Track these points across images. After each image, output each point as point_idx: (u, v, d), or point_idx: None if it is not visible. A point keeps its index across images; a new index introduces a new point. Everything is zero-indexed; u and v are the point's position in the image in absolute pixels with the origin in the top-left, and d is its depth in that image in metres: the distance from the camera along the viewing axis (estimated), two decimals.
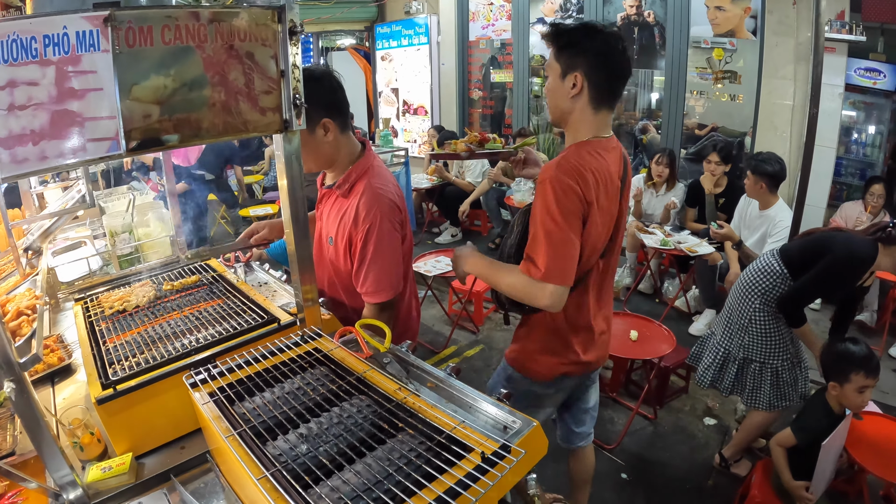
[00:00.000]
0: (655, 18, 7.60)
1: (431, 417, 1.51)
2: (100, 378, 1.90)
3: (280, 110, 1.81)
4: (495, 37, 9.71)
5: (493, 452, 1.35)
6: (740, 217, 5.54)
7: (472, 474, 1.28)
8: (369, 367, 1.79)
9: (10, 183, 4.13)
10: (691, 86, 7.42)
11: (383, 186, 2.56)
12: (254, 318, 2.28)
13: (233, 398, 1.65)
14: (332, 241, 2.64)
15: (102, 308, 2.52)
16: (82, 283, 3.17)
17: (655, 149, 7.61)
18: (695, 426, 4.78)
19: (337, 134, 2.53)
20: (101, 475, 1.78)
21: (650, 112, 8.35)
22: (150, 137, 1.54)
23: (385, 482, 1.29)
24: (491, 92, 10.25)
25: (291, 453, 1.40)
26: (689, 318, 6.10)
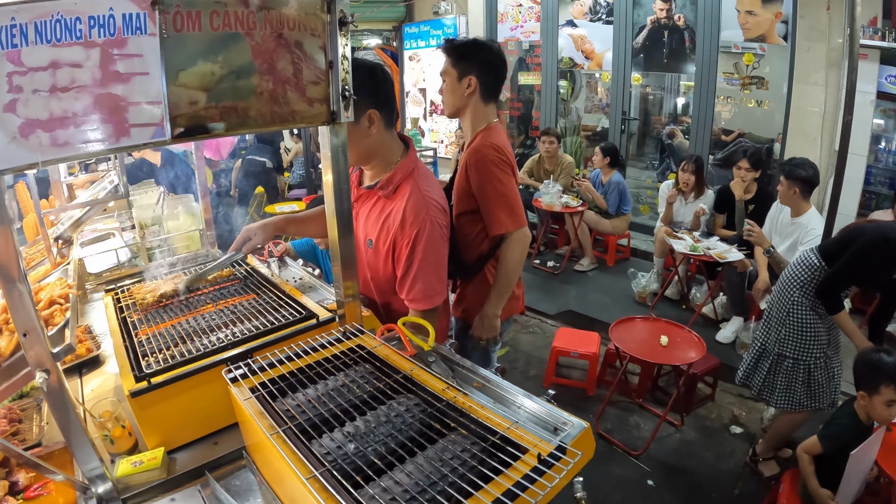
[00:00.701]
0: (686, 22, 7.53)
1: (483, 417, 1.47)
2: (133, 370, 1.87)
3: (328, 101, 1.77)
4: (524, 38, 9.63)
5: (550, 454, 1.31)
6: (772, 223, 5.46)
7: (529, 476, 1.24)
8: (415, 365, 1.75)
9: (40, 173, 4.13)
10: (718, 91, 7.33)
11: (430, 189, 2.51)
12: (291, 313, 2.23)
13: (275, 394, 1.61)
14: (372, 243, 2.57)
15: (134, 299, 2.49)
16: (110, 274, 3.16)
17: (683, 154, 7.55)
18: (721, 434, 4.73)
19: (381, 128, 2.46)
20: (132, 469, 1.75)
21: (676, 117, 8.28)
22: (196, 125, 1.50)
23: (440, 482, 1.25)
24: (519, 93, 10.17)
25: (339, 452, 1.36)
26: (717, 325, 6.03)
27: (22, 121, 1.28)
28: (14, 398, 2.31)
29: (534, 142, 9.73)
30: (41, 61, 1.28)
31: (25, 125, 1.28)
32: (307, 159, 10.12)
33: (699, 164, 6.37)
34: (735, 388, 5.22)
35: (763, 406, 4.88)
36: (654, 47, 7.86)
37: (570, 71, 9.05)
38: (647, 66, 8.06)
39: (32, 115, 1.29)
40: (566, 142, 8.97)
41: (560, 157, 7.91)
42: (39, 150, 1.31)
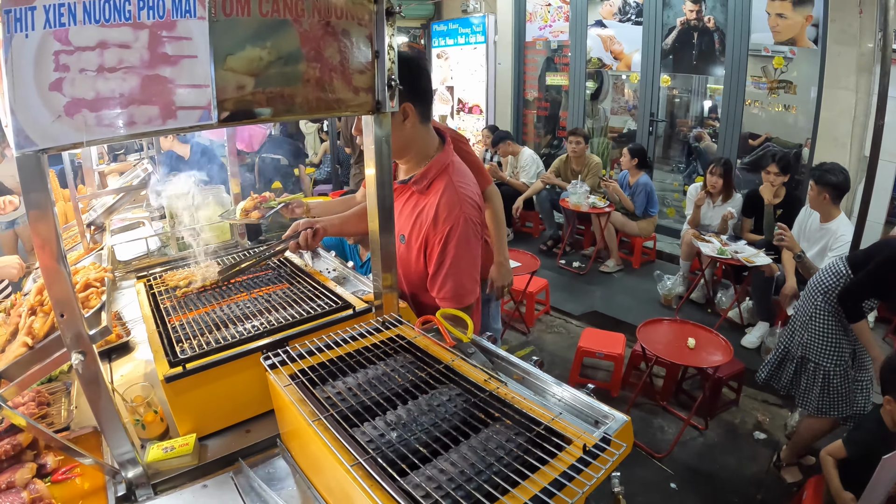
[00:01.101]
0: (715, 24, 7.46)
1: (527, 408, 1.46)
2: (167, 356, 1.88)
3: (373, 91, 1.77)
4: (552, 38, 9.60)
5: (595, 445, 1.30)
6: (800, 229, 5.40)
7: (575, 466, 1.24)
8: (456, 355, 1.74)
9: (73, 161, 4.15)
10: (746, 94, 7.26)
11: (465, 186, 2.46)
12: (327, 303, 2.23)
13: (315, 381, 1.61)
14: (405, 239, 2.52)
15: (167, 286, 2.49)
16: (138, 262, 3.17)
17: (710, 157, 7.49)
18: (745, 439, 4.68)
19: (416, 122, 2.41)
20: (163, 455, 1.75)
21: (702, 119, 8.21)
22: (243, 109, 1.50)
23: (485, 471, 1.24)
24: (546, 93, 10.14)
25: (382, 440, 1.35)
26: (742, 330, 5.96)
27: (68, 100, 1.28)
28: (43, 382, 2.32)
29: (560, 142, 9.71)
30: (89, 41, 1.28)
31: (71, 104, 1.28)
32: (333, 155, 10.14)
33: (727, 168, 6.31)
34: (760, 393, 5.18)
35: (787, 413, 4.83)
36: (684, 49, 7.81)
37: (598, 71, 9.01)
38: (675, 67, 8.00)
39: (78, 95, 1.29)
40: (593, 143, 8.94)
41: (587, 158, 7.89)
42: (85, 130, 1.31)
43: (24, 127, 1.24)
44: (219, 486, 1.71)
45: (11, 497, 1.66)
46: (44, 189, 1.31)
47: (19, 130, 1.23)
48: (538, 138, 10.45)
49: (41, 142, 1.26)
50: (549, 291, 6.72)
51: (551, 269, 7.73)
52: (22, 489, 1.69)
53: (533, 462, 1.27)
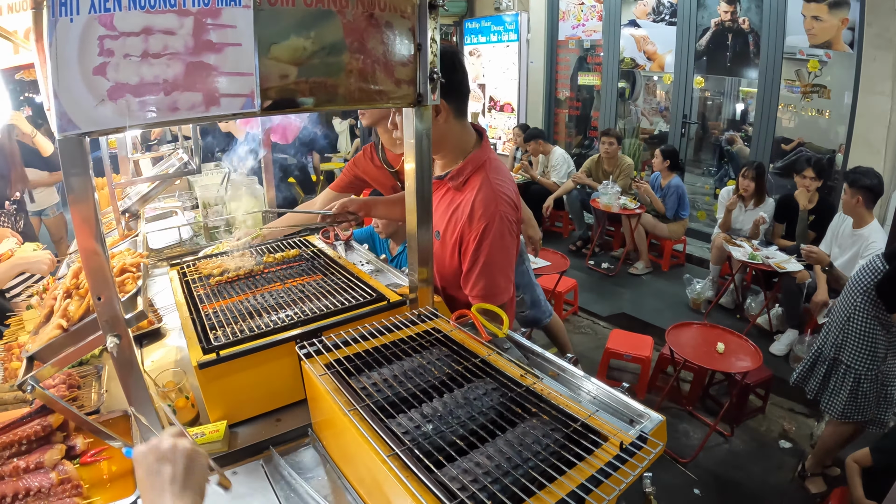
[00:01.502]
0: (750, 25, 7.38)
1: (563, 404, 1.45)
2: (201, 342, 1.88)
3: (415, 83, 1.76)
4: (585, 37, 9.55)
5: (631, 443, 1.29)
6: (832, 235, 5.34)
7: (612, 463, 1.24)
8: (492, 350, 1.73)
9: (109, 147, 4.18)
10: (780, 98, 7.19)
11: (502, 183, 2.41)
12: (361, 294, 2.23)
13: (351, 371, 1.61)
14: (440, 235, 2.49)
15: (200, 274, 2.51)
16: (170, 251, 3.19)
17: (742, 161, 7.42)
18: (770, 447, 4.63)
19: (450, 117, 2.38)
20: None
21: (734, 122, 8.13)
22: (286, 98, 1.50)
23: (522, 466, 1.24)
24: (578, 93, 10.08)
25: (418, 431, 1.35)
26: (771, 337, 5.89)
27: (111, 84, 1.29)
28: (74, 365, 2.33)
29: (592, 142, 9.66)
30: (134, 26, 1.29)
31: (114, 89, 1.29)
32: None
33: (760, 171, 6.24)
34: (786, 401, 5.13)
35: (813, 422, 4.78)
36: (718, 50, 7.73)
37: (631, 72, 8.95)
38: (709, 69, 7.92)
39: (122, 80, 1.29)
40: (625, 144, 8.89)
41: (619, 159, 7.85)
42: (127, 114, 1.32)
43: (67, 110, 1.25)
44: (248, 474, 1.72)
45: (40, 477, 1.68)
46: (85, 172, 1.32)
47: (62, 114, 1.24)
48: (569, 138, 10.40)
49: (84, 125, 1.27)
50: (577, 292, 6.68)
51: (580, 269, 7.69)
52: (50, 470, 1.71)
53: (569, 458, 1.27)
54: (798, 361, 5.11)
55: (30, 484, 1.67)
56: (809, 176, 5.79)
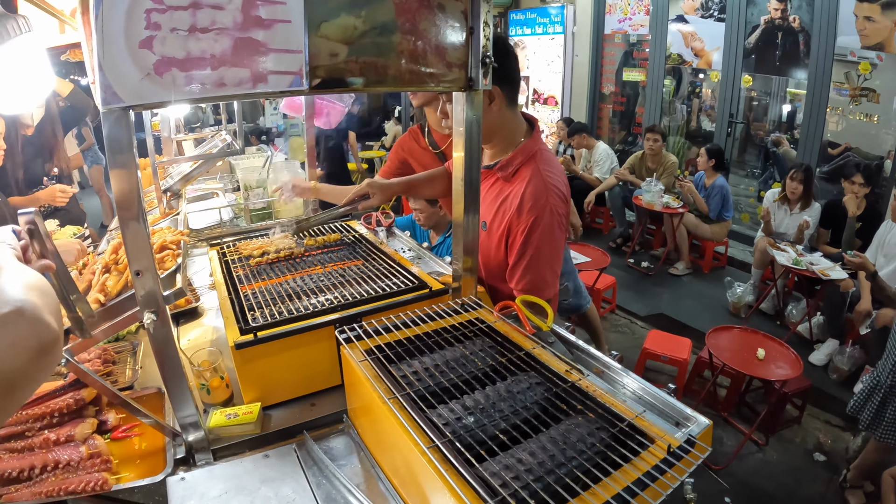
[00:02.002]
0: (801, 24, 7.21)
1: (610, 403, 1.41)
2: (238, 322, 1.87)
3: (466, 67, 1.72)
4: (631, 31, 9.40)
5: (679, 447, 1.25)
6: (878, 243, 5.23)
7: (659, 466, 1.20)
8: (537, 343, 1.69)
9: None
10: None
11: (553, 175, 2.34)
12: (403, 281, 2.20)
13: (391, 358, 1.58)
14: (486, 226, 2.44)
15: (240, 254, 2.50)
16: (210, 231, 3.19)
17: (788, 163, 7.29)
18: (804, 460, 4.53)
19: (503, 106, 2.33)
20: (225, 421, 1.75)
21: (781, 124, 7.98)
22: (335, 77, 1.47)
23: (566, 464, 1.21)
24: (623, 88, 9.95)
25: (459, 424, 1.32)
26: (811, 346, 5.76)
27: (157, 58, 1.26)
28: (109, 341, 2.36)
29: (636, 138, 9.55)
30: (181, 1, 1.26)
31: (161, 63, 1.27)
32: None
33: (809, 174, 6.10)
34: (823, 413, 5.02)
35: (849, 436, 4.67)
36: (767, 49, 7.56)
37: (677, 68, 8.83)
38: (758, 68, 7.77)
39: (169, 54, 1.27)
40: (669, 141, 8.77)
41: (664, 156, 7.75)
42: (173, 89, 1.30)
43: (111, 83, 1.23)
44: (280, 458, 1.71)
45: (70, 450, 1.69)
46: (128, 146, 1.31)
47: (107, 87, 1.23)
48: (613, 133, 10.28)
49: (128, 99, 1.25)
50: (616, 289, 6.63)
51: (619, 267, 7.61)
52: (81, 443, 1.72)
53: (615, 459, 1.24)
54: (837, 373, 5.08)
55: (59, 456, 1.68)
56: (858, 182, 5.66)
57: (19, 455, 1.71)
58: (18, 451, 1.74)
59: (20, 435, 1.80)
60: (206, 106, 10.53)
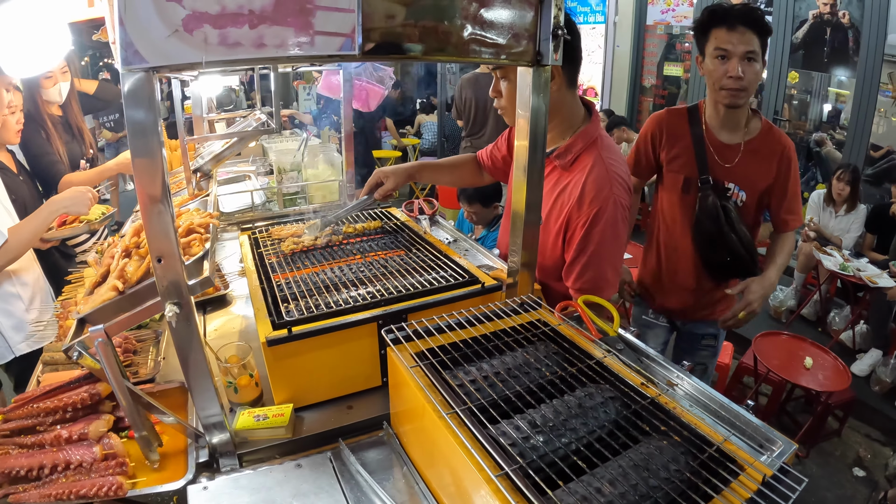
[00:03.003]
0: (850, 20, 6.98)
1: (695, 423, 1.26)
2: (270, 316, 1.74)
3: (535, 39, 1.55)
4: (675, 23, 9.19)
5: (773, 476, 1.11)
6: None
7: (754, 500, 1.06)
8: (609, 351, 1.54)
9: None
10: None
11: (616, 163, 2.21)
12: (451, 275, 2.02)
13: (446, 363, 1.43)
14: (542, 219, 2.19)
15: (273, 239, 2.35)
16: (241, 215, 3.07)
17: (832, 164, 7.07)
18: (843, 474, 4.41)
19: (563, 86, 2.20)
20: (254, 423, 1.63)
21: (824, 123, 7.76)
22: (391, 42, 1.29)
23: (652, 495, 1.07)
24: (664, 81, 9.75)
25: (527, 444, 1.16)
26: (853, 355, 5.58)
27: (187, 13, 1.11)
28: (132, 329, 2.22)
29: None
30: None
31: (191, 18, 1.12)
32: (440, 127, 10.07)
33: (856, 175, 5.93)
34: (863, 426, 4.89)
35: (890, 452, 4.55)
36: (814, 45, 7.34)
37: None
38: (805, 64, 7.56)
39: (200, 8, 1.12)
40: None
41: None
42: (204, 48, 1.14)
43: (133, 41, 1.09)
44: (314, 468, 1.57)
45: (82, 450, 1.56)
46: (150, 114, 1.16)
47: (128, 44, 1.09)
48: None
49: (152, 59, 1.11)
50: None
51: None
52: (95, 442, 1.59)
53: (705, 489, 1.09)
54: (880, 385, 4.99)
55: (71, 456, 1.55)
56: None
57: (28, 452, 1.58)
58: (28, 446, 1.61)
59: (30, 429, 1.67)
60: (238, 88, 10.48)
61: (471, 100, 6.13)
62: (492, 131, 6.02)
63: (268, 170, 4.35)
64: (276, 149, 4.24)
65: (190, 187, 3.35)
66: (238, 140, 3.86)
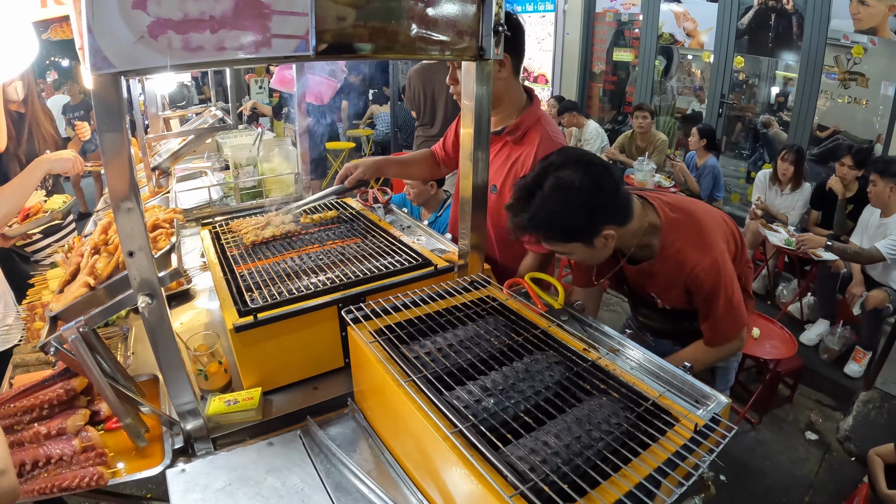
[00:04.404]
0: (794, 6, 7.15)
1: (632, 382, 1.38)
2: (236, 304, 1.80)
3: (478, 35, 1.64)
4: (623, 10, 9.27)
5: (705, 425, 1.23)
6: (863, 227, 5.23)
7: (687, 446, 1.17)
8: (552, 321, 1.64)
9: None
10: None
11: (558, 135, 2.51)
12: (406, 259, 2.13)
13: (403, 339, 1.52)
14: (497, 189, 2.50)
15: (234, 233, 2.42)
16: (199, 211, 3.11)
17: (778, 145, 7.24)
18: (796, 439, 4.55)
19: (510, 74, 2.47)
20: (225, 408, 1.69)
21: (771, 105, 7.95)
22: (342, 42, 1.38)
23: (594, 446, 1.17)
24: (614, 67, 9.84)
25: (479, 406, 1.26)
26: (801, 326, 5.76)
27: (152, 20, 1.18)
28: (99, 326, 2.26)
29: (625, 118, 9.49)
30: None
31: (156, 25, 1.18)
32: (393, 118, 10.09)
33: (800, 155, 6.04)
34: (814, 393, 5.06)
35: (840, 415, 4.68)
36: (760, 30, 7.50)
37: (668, 48, 8.75)
38: (750, 49, 7.72)
39: (164, 15, 1.19)
40: (659, 121, 8.71)
41: (654, 135, 7.63)
42: (168, 53, 1.21)
43: (102, 47, 1.15)
44: (285, 445, 1.65)
45: (62, 444, 1.62)
46: (120, 115, 1.23)
47: (96, 50, 1.14)
48: (603, 112, 10.20)
49: (120, 63, 1.17)
50: None
51: None
52: (73, 436, 1.65)
53: (643, 439, 1.20)
54: (828, 353, 5.14)
55: (51, 451, 1.60)
56: (848, 164, 5.63)
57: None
58: (8, 446, 1.66)
59: (9, 429, 1.71)
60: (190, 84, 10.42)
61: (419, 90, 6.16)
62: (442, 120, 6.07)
63: (223, 165, 4.34)
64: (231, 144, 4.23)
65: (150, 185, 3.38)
66: (196, 136, 3.89)
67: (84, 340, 1.45)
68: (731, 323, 2.09)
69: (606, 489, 1.07)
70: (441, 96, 5.94)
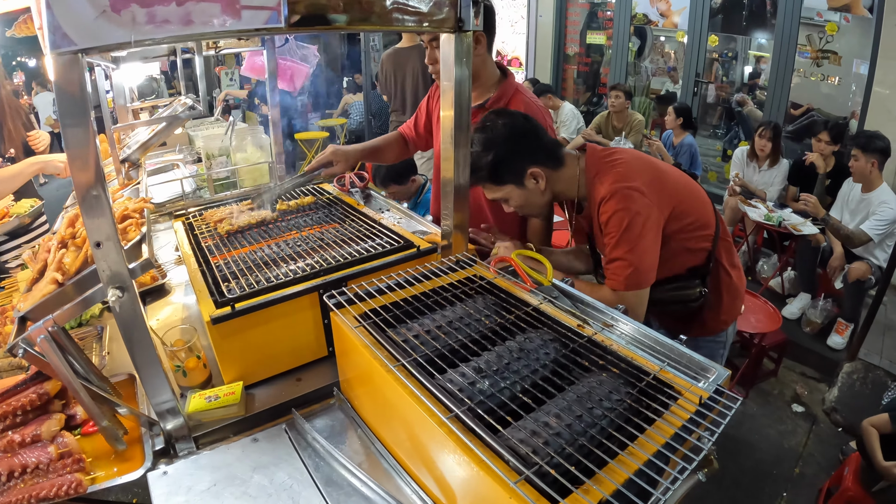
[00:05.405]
0: None
1: (631, 357, 1.33)
2: (212, 296, 1.73)
3: (456, 6, 1.58)
4: None
5: (710, 397, 1.19)
6: (842, 202, 5.27)
7: (694, 419, 1.14)
8: (543, 298, 1.59)
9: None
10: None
11: (537, 100, 2.66)
12: (387, 242, 2.07)
13: (390, 322, 1.46)
14: None
15: (208, 224, 2.34)
16: (172, 205, 3.04)
17: (753, 123, 7.26)
18: (783, 411, 4.59)
19: (485, 50, 2.57)
20: (206, 405, 1.63)
21: (746, 84, 7.98)
22: (316, 14, 1.31)
23: (597, 424, 1.12)
24: (587, 49, 9.83)
25: (474, 389, 1.21)
26: (783, 300, 5.80)
27: None
28: (72, 326, 2.20)
29: (600, 98, 9.48)
30: None
31: None
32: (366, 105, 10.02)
33: (777, 132, 6.08)
34: (798, 365, 5.10)
35: (825, 387, 4.74)
36: (733, 9, 7.50)
37: (642, 28, 8.73)
38: (724, 28, 7.72)
39: None
40: (634, 101, 8.69)
41: (630, 115, 7.62)
42: (132, 27, 1.14)
43: (61, 24, 1.08)
44: (271, 440, 1.60)
45: (37, 452, 1.54)
46: (81, 96, 1.15)
47: (55, 27, 1.07)
48: (577, 94, 10.21)
49: (81, 41, 1.10)
50: None
51: None
52: (49, 443, 1.57)
53: (648, 414, 1.16)
54: (811, 326, 5.19)
55: (26, 460, 1.52)
56: (825, 140, 5.67)
57: None
58: None
59: None
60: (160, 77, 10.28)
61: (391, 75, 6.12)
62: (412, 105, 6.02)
63: (195, 158, 4.26)
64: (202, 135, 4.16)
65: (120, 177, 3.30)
66: (165, 126, 3.81)
67: (54, 340, 1.37)
68: (614, 270, 2.06)
69: (615, 468, 1.02)
70: (410, 81, 5.88)
